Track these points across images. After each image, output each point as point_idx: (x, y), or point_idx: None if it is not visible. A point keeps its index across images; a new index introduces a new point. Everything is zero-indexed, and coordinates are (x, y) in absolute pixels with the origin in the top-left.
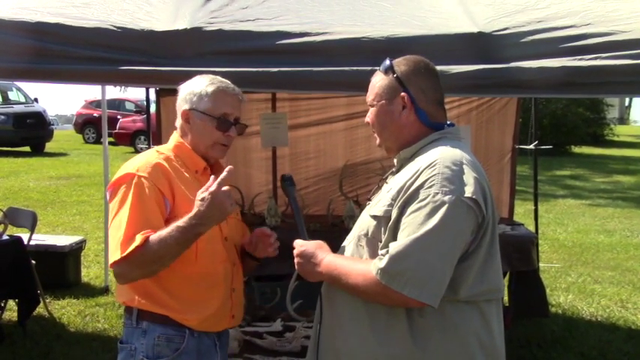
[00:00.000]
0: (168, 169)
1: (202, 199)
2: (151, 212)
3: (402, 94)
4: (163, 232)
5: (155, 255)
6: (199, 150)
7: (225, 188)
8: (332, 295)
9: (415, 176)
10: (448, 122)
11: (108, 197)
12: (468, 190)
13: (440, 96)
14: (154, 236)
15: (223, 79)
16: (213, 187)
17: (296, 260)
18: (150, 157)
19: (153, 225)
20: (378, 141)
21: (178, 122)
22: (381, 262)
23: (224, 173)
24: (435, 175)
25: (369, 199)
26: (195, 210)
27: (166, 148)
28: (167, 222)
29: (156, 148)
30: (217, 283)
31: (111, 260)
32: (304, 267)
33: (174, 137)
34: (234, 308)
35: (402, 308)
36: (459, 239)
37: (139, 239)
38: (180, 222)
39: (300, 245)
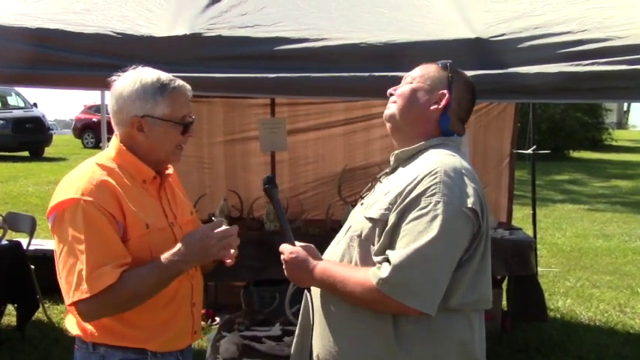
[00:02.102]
0: (115, 186)
1: (190, 237)
2: (109, 239)
3: (444, 91)
4: (141, 269)
5: (130, 293)
6: (156, 157)
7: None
8: (319, 295)
9: (415, 182)
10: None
11: (50, 224)
12: (469, 201)
13: (467, 116)
14: (130, 273)
15: (167, 75)
16: (202, 227)
17: (285, 267)
18: (92, 174)
19: (116, 253)
20: (389, 112)
21: (122, 129)
22: (382, 272)
23: (230, 229)
24: (436, 183)
25: (362, 197)
26: (179, 247)
27: (107, 158)
28: None
29: (95, 160)
30: (177, 302)
31: (74, 298)
32: (295, 274)
33: (115, 144)
34: (195, 324)
35: (388, 313)
36: (457, 249)
37: (111, 274)
38: (161, 261)
39: (289, 252)
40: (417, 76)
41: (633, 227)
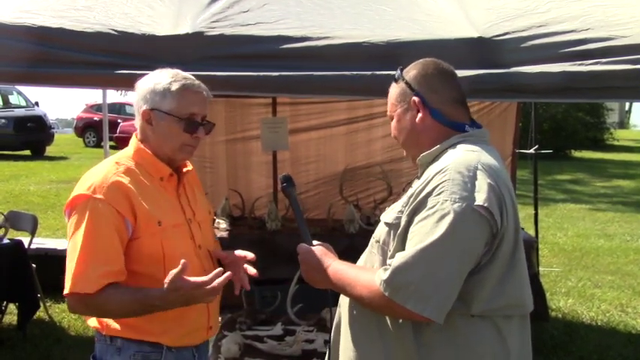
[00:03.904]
0: (128, 186)
1: (176, 289)
2: (107, 243)
3: (413, 98)
4: (124, 294)
5: (106, 310)
6: (164, 153)
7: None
8: (346, 306)
9: (425, 183)
10: (473, 123)
11: (66, 219)
12: (480, 198)
13: (457, 94)
14: (113, 292)
15: (186, 75)
16: (188, 285)
17: (301, 267)
18: (107, 172)
19: (108, 259)
20: (405, 152)
21: (138, 123)
22: (384, 274)
23: (205, 280)
24: (445, 181)
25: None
26: (164, 292)
27: (126, 156)
28: (130, 242)
29: (115, 157)
30: None
31: (64, 290)
32: (310, 274)
33: (134, 142)
34: (211, 319)
35: (409, 321)
36: (468, 250)
37: (94, 284)
38: (143, 295)
39: (305, 252)
40: (390, 110)
41: (635, 227)
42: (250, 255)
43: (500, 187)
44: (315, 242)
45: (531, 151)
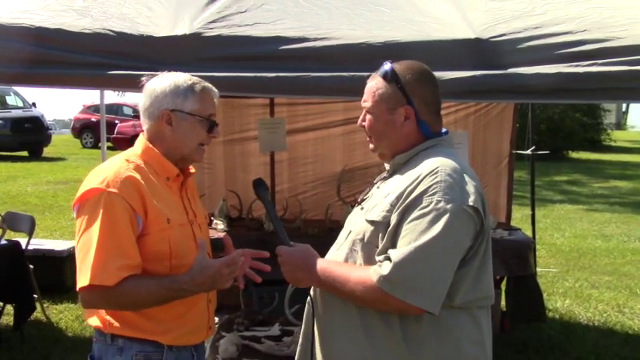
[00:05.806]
0: (140, 182)
1: (204, 268)
2: (123, 236)
3: (406, 106)
4: (149, 282)
5: (129, 300)
6: (179, 153)
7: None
8: (323, 300)
9: (416, 183)
10: (443, 130)
11: (74, 213)
12: (470, 199)
13: (439, 105)
14: (136, 282)
15: (197, 77)
16: (217, 263)
17: (283, 268)
18: (119, 168)
19: (125, 252)
20: (372, 146)
21: (148, 124)
22: (383, 270)
23: (233, 256)
24: (437, 182)
25: (359, 203)
26: (192, 274)
27: (134, 155)
28: (139, 238)
29: (124, 155)
30: (193, 298)
31: (79, 284)
32: (294, 274)
33: (141, 141)
34: (210, 319)
35: (395, 315)
36: (459, 247)
37: (113, 276)
38: (170, 281)
39: (286, 252)
40: (371, 104)
41: (632, 228)
42: (264, 253)
43: (480, 189)
44: (292, 243)
45: (528, 152)
